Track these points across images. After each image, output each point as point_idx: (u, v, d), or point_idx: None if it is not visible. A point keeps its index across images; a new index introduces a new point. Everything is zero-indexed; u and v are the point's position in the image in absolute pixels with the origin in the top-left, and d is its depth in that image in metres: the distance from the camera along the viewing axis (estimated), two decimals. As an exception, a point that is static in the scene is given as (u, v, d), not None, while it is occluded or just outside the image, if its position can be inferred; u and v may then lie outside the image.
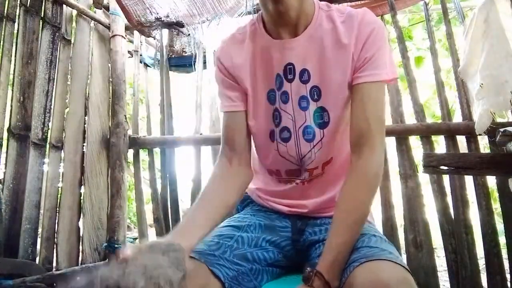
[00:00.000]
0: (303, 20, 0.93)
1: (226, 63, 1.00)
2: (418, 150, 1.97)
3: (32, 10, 2.04)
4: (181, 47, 2.40)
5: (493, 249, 1.66)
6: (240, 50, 1.00)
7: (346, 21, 0.92)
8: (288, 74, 0.95)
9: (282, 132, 0.97)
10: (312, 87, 0.94)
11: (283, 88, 0.96)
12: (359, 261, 0.77)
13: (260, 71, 0.98)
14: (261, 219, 1.03)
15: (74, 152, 2.12)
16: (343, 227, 0.83)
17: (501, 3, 1.53)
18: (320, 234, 0.97)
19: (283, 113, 0.97)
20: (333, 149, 0.97)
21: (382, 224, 1.82)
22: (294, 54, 0.94)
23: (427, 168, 1.44)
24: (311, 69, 0.93)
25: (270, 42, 0.96)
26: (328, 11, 0.95)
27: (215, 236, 0.94)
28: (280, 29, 0.94)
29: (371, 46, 0.89)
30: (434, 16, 3.05)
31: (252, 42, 0.99)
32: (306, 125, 0.95)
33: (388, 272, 0.73)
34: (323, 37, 0.92)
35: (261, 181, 1.10)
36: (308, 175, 0.99)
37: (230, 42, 1.02)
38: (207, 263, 0.84)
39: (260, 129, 1.00)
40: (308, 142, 0.96)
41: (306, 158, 0.97)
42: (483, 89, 1.46)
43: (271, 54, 0.96)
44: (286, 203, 1.03)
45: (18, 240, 1.84)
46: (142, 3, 2.26)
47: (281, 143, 0.98)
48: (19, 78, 1.96)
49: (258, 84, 0.99)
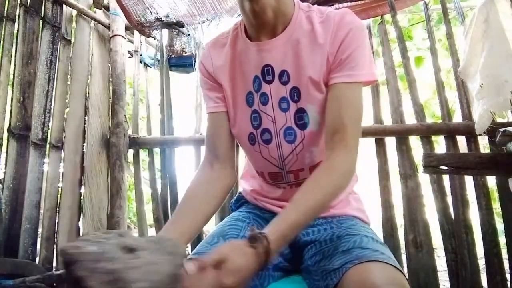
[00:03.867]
0: (281, 20, 0.92)
1: (208, 66, 1.02)
2: (418, 150, 1.97)
3: (32, 10, 2.04)
4: (181, 47, 2.40)
5: (493, 249, 1.66)
6: (220, 54, 1.00)
7: (325, 22, 0.91)
8: (267, 75, 0.94)
9: (263, 134, 0.97)
10: (292, 88, 0.93)
11: (262, 89, 0.95)
12: (352, 263, 0.76)
13: (238, 74, 0.98)
14: (257, 219, 1.03)
15: (74, 152, 2.12)
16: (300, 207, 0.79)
17: (501, 3, 1.53)
18: (312, 235, 0.96)
19: (263, 114, 0.96)
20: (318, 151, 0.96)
21: (382, 224, 1.82)
22: (272, 56, 0.93)
23: (427, 168, 1.45)
24: (290, 70, 0.93)
25: (248, 45, 0.96)
26: (308, 11, 0.94)
27: (220, 236, 0.94)
28: (259, 31, 0.93)
29: (347, 46, 0.87)
30: (434, 16, 3.05)
31: (232, 45, 1.00)
32: (287, 126, 0.95)
33: (379, 274, 0.72)
34: (300, 38, 0.92)
35: (255, 184, 1.09)
36: (294, 178, 0.99)
37: (212, 46, 1.04)
38: None
39: (241, 132, 1.00)
40: (290, 144, 0.95)
41: (288, 160, 0.96)
42: (483, 89, 1.46)
43: (248, 56, 0.96)
44: (279, 204, 1.03)
45: (18, 240, 1.85)
46: (142, 3, 2.26)
47: (263, 145, 0.98)
48: (19, 78, 1.96)
49: (236, 87, 0.99)
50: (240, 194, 1.16)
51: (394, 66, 1.97)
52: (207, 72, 1.02)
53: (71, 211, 2.05)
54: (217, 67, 1.00)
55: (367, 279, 0.71)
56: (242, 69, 0.98)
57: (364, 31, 0.92)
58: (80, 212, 2.10)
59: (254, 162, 1.04)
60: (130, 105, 2.88)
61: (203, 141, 2.12)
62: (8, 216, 1.83)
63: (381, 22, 2.02)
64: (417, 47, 3.62)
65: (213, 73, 1.01)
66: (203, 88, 1.05)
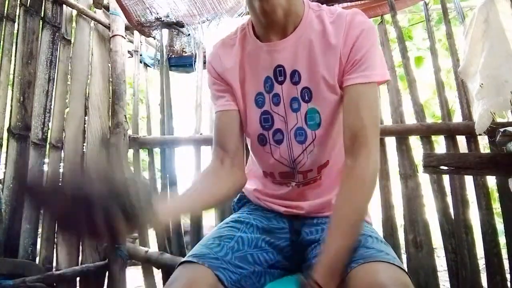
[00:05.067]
0: (292, 20, 0.92)
1: (217, 67, 1.01)
2: (418, 150, 1.97)
3: (32, 10, 2.03)
4: (181, 47, 2.40)
5: (493, 249, 1.66)
6: (229, 55, 1.00)
7: (336, 22, 0.91)
8: (279, 76, 0.94)
9: (275, 134, 0.97)
10: (303, 88, 0.93)
11: (274, 90, 0.95)
12: (357, 262, 0.76)
13: (248, 75, 0.98)
14: (258, 219, 1.03)
15: (74, 152, 2.11)
16: (339, 232, 0.81)
17: (501, 3, 1.53)
18: (316, 234, 0.97)
19: (275, 115, 0.96)
20: (327, 151, 0.96)
21: (382, 224, 1.82)
22: (283, 56, 0.93)
23: (427, 168, 1.44)
24: (301, 70, 0.92)
25: (258, 45, 0.95)
26: (318, 11, 0.94)
27: (216, 237, 0.94)
28: (269, 30, 0.93)
29: (360, 47, 0.87)
30: (434, 16, 3.05)
31: (241, 46, 0.99)
32: (298, 126, 0.94)
33: (385, 274, 0.72)
34: (312, 37, 0.91)
35: (258, 183, 1.09)
36: (302, 178, 0.99)
37: (221, 47, 1.03)
38: (211, 268, 0.83)
39: (251, 133, 1.00)
40: (300, 144, 0.95)
41: (298, 160, 0.96)
42: (483, 89, 1.46)
43: (259, 57, 0.95)
44: (283, 204, 1.03)
45: (18, 240, 1.84)
46: (142, 3, 2.26)
47: (274, 145, 0.97)
48: (19, 78, 1.96)
49: (246, 88, 0.98)
50: (243, 193, 1.16)
51: (394, 66, 1.97)
52: (216, 73, 1.01)
53: (71, 211, 2.05)
54: (226, 68, 0.99)
55: (373, 279, 0.71)
56: (252, 70, 0.97)
57: (375, 31, 0.93)
58: (80, 212, 2.10)
59: (263, 163, 1.03)
60: (130, 105, 2.88)
61: (203, 141, 2.15)
62: (8, 216, 1.83)
63: (381, 22, 2.01)
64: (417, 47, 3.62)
65: (222, 74, 1.00)
66: (211, 88, 1.04)
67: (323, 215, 1.00)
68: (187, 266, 0.84)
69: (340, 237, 0.80)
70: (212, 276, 0.82)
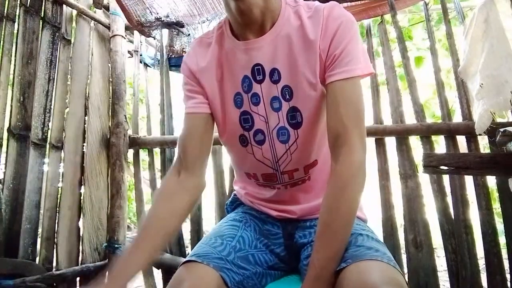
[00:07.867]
0: (269, 17, 0.89)
1: (191, 66, 0.98)
2: (418, 150, 1.97)
3: (32, 10, 2.03)
4: (181, 47, 2.40)
5: (493, 249, 1.66)
6: (205, 54, 0.97)
7: (313, 16, 0.88)
8: (257, 75, 0.91)
9: (256, 135, 0.94)
10: (283, 86, 0.90)
11: (253, 90, 0.92)
12: (346, 262, 0.75)
13: (226, 75, 0.95)
14: (254, 220, 1.03)
15: (74, 152, 2.12)
16: (324, 241, 0.78)
17: (501, 3, 1.53)
18: (309, 237, 0.96)
19: (255, 115, 0.93)
20: (312, 151, 0.94)
21: (382, 224, 1.82)
22: (261, 54, 0.90)
23: (427, 168, 1.44)
24: (281, 68, 0.89)
25: (236, 44, 0.92)
26: (296, 6, 0.91)
27: (218, 236, 0.94)
28: (246, 29, 0.90)
29: (339, 41, 0.84)
30: (434, 16, 3.05)
31: (218, 45, 0.96)
32: (280, 126, 0.92)
33: (374, 272, 0.71)
34: (290, 34, 0.88)
35: (248, 187, 1.07)
36: (288, 178, 0.96)
37: (197, 46, 1.00)
38: (216, 268, 0.83)
39: (231, 135, 0.97)
40: (283, 144, 0.92)
41: (282, 160, 0.94)
42: (483, 89, 1.46)
43: (236, 56, 0.92)
44: (275, 208, 1.01)
45: (18, 240, 1.84)
46: (142, 3, 2.26)
47: (256, 146, 0.95)
48: (19, 78, 1.96)
49: (225, 88, 0.95)
50: (235, 195, 1.14)
51: (394, 66, 1.97)
52: (191, 73, 0.98)
53: (71, 211, 2.05)
54: (202, 68, 0.96)
55: (363, 279, 0.70)
56: (230, 70, 0.94)
57: (355, 23, 0.88)
58: (80, 212, 2.10)
59: (245, 164, 1.00)
60: (130, 105, 2.88)
61: (203, 141, 2.15)
62: (8, 216, 1.83)
63: (381, 22, 2.01)
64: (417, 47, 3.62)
65: (196, 73, 0.97)
66: (183, 88, 1.01)
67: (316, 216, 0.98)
68: (191, 266, 0.83)
69: (324, 247, 0.78)
70: (217, 277, 0.82)
